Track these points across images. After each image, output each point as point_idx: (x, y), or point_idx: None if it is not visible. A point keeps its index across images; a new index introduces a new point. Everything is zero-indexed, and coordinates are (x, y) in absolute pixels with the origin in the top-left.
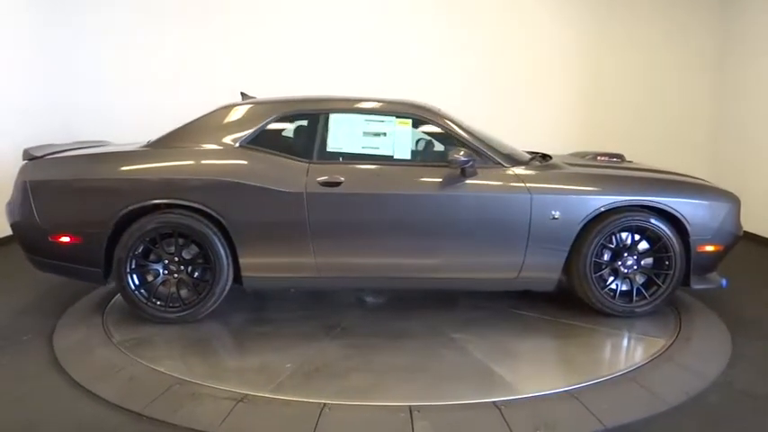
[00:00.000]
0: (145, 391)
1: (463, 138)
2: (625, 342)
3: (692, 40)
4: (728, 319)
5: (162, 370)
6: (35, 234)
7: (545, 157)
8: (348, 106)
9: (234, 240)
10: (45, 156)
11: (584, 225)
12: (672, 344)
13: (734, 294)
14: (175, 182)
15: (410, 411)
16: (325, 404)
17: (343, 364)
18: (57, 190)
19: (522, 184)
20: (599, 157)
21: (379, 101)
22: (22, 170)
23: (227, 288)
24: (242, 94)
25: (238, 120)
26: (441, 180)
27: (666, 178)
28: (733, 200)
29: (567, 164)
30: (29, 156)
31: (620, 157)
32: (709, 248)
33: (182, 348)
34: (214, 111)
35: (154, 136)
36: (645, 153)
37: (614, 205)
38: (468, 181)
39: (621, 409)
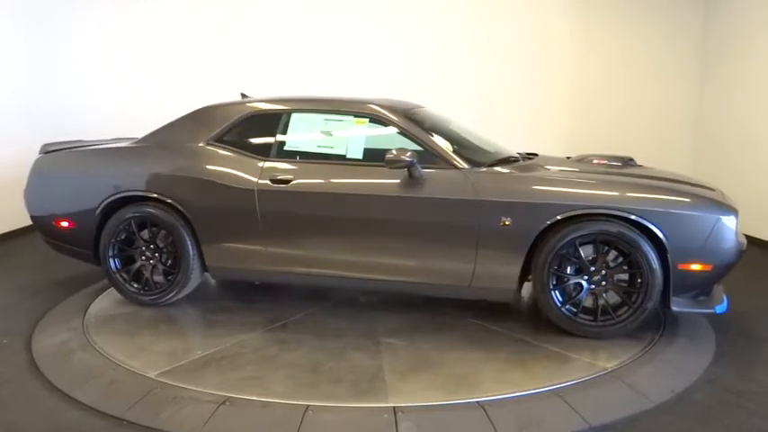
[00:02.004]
0: (125, 394)
1: (417, 138)
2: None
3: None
4: (712, 316)
5: (142, 372)
6: (43, 219)
7: (531, 157)
8: (310, 106)
9: (196, 231)
10: (54, 151)
11: (542, 233)
12: (656, 341)
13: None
14: (147, 176)
15: (394, 412)
16: (308, 406)
17: (248, 356)
18: (57, 181)
19: (472, 188)
20: (596, 161)
21: (340, 100)
22: (35, 163)
23: (195, 276)
24: (242, 95)
25: (208, 120)
26: (388, 181)
27: (646, 184)
28: (725, 212)
29: (542, 167)
30: (44, 150)
31: (624, 160)
32: (695, 267)
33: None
34: (192, 111)
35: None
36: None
37: (572, 213)
38: (414, 182)
39: (606, 407)
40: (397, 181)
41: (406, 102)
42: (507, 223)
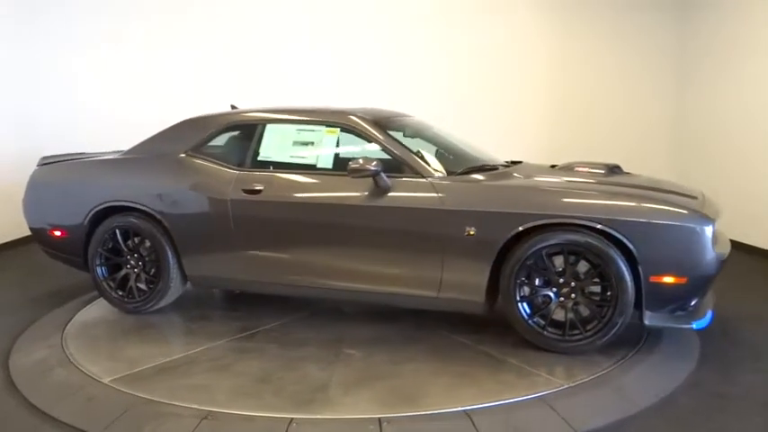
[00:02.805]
0: (104, 411)
1: (386, 147)
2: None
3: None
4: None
5: (122, 389)
6: (39, 229)
7: (509, 165)
8: (283, 117)
9: (174, 241)
10: (50, 163)
11: (509, 244)
12: (640, 347)
13: None
14: (130, 186)
15: (379, 423)
16: (292, 419)
17: (205, 364)
18: (50, 192)
19: (437, 197)
20: (577, 168)
21: (313, 110)
22: (31, 175)
23: (176, 285)
24: (231, 106)
25: (188, 131)
26: (355, 190)
27: (617, 192)
28: (699, 221)
29: (515, 175)
30: (41, 162)
31: (609, 167)
32: (668, 279)
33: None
34: (175, 123)
35: None
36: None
37: (536, 223)
38: (381, 191)
39: (592, 413)
40: (365, 190)
41: (388, 110)
42: (472, 233)
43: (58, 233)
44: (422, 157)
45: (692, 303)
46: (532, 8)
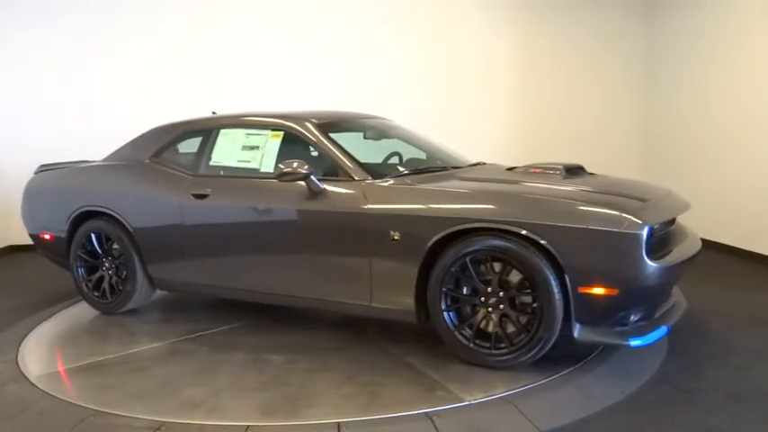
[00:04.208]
0: (56, 425)
1: (323, 150)
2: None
3: (618, 46)
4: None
5: (75, 402)
6: (34, 233)
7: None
8: (234, 122)
9: (138, 244)
10: (44, 170)
11: (433, 248)
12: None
13: None
14: (102, 191)
15: (338, 428)
16: (248, 427)
17: (128, 365)
18: (41, 198)
19: (363, 199)
20: (531, 170)
21: (261, 114)
22: (27, 182)
23: (143, 287)
24: (212, 113)
25: (154, 138)
26: (290, 194)
27: (544, 194)
28: (630, 227)
29: (460, 177)
30: (37, 170)
31: (569, 168)
32: (598, 291)
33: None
34: (146, 131)
35: None
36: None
37: (459, 228)
38: (314, 195)
39: (556, 411)
40: (299, 195)
41: (350, 113)
42: (396, 238)
43: (47, 236)
44: (355, 160)
45: (633, 318)
46: (499, 8)
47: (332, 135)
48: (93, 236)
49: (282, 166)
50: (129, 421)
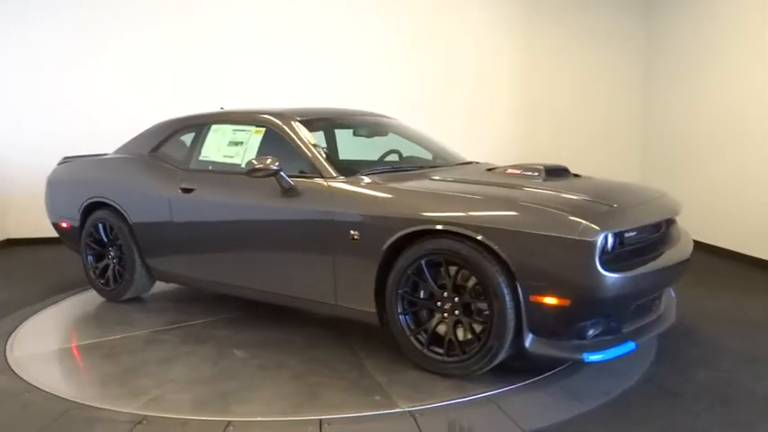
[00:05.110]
0: (38, 417)
1: (295, 147)
2: None
3: (618, 43)
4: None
5: (58, 394)
6: (55, 222)
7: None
8: (224, 118)
9: (135, 235)
10: (66, 162)
11: (392, 250)
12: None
13: None
14: (107, 183)
15: (320, 424)
16: (229, 422)
17: (100, 351)
18: (60, 187)
19: (329, 198)
20: (510, 170)
21: (248, 110)
22: (51, 173)
23: (142, 277)
24: (221, 108)
25: (156, 132)
26: (265, 191)
27: (501, 196)
28: (585, 233)
29: (432, 178)
30: (60, 162)
31: (551, 169)
32: (550, 300)
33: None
34: (154, 125)
35: None
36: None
37: (413, 230)
38: (285, 192)
39: (540, 412)
40: (272, 191)
41: (339, 109)
42: (356, 237)
43: (64, 224)
44: (325, 158)
45: (592, 332)
46: (500, 6)
47: (316, 132)
48: (100, 225)
49: (255, 162)
50: (112, 415)
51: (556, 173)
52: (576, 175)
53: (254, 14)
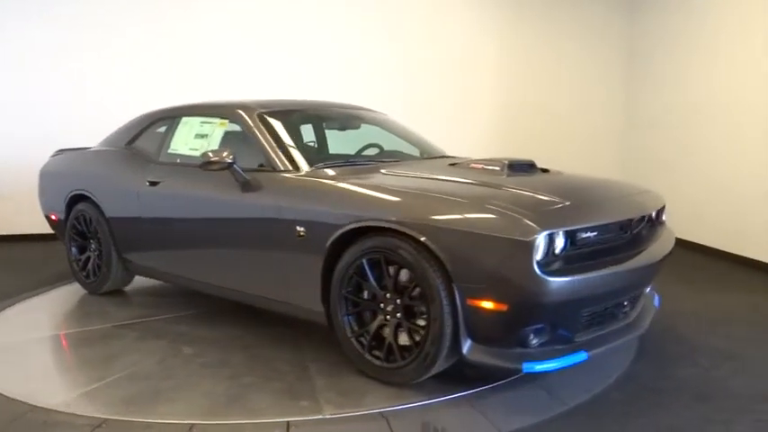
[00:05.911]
0: None
1: (255, 140)
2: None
3: (603, 40)
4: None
5: (13, 397)
6: (47, 215)
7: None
8: (193, 110)
9: (112, 228)
10: (56, 155)
11: (334, 247)
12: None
13: None
14: (86, 175)
15: (287, 427)
16: (193, 425)
17: (50, 344)
18: (50, 180)
19: (280, 192)
20: (472, 165)
21: (214, 102)
22: (42, 166)
23: (118, 270)
24: None
25: (133, 124)
26: (223, 185)
27: (441, 191)
28: (522, 233)
29: (384, 172)
30: (53, 154)
31: (514, 164)
32: (487, 305)
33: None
34: (134, 118)
35: None
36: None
37: (352, 227)
38: (241, 186)
39: (518, 412)
40: (229, 185)
41: (314, 101)
42: (302, 234)
43: (53, 217)
44: (285, 152)
45: (534, 340)
46: (485, 4)
47: (279, 123)
48: (81, 218)
49: (211, 155)
50: (69, 418)
51: (520, 167)
52: (543, 170)
53: (251, 10)
